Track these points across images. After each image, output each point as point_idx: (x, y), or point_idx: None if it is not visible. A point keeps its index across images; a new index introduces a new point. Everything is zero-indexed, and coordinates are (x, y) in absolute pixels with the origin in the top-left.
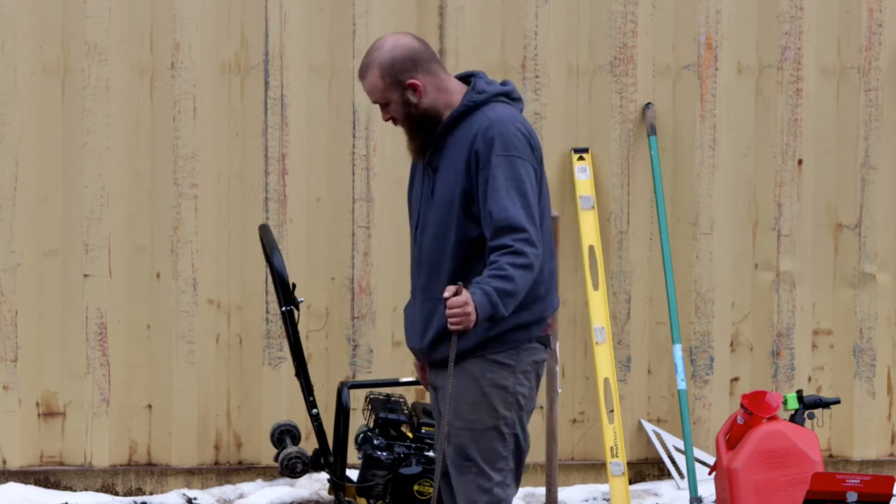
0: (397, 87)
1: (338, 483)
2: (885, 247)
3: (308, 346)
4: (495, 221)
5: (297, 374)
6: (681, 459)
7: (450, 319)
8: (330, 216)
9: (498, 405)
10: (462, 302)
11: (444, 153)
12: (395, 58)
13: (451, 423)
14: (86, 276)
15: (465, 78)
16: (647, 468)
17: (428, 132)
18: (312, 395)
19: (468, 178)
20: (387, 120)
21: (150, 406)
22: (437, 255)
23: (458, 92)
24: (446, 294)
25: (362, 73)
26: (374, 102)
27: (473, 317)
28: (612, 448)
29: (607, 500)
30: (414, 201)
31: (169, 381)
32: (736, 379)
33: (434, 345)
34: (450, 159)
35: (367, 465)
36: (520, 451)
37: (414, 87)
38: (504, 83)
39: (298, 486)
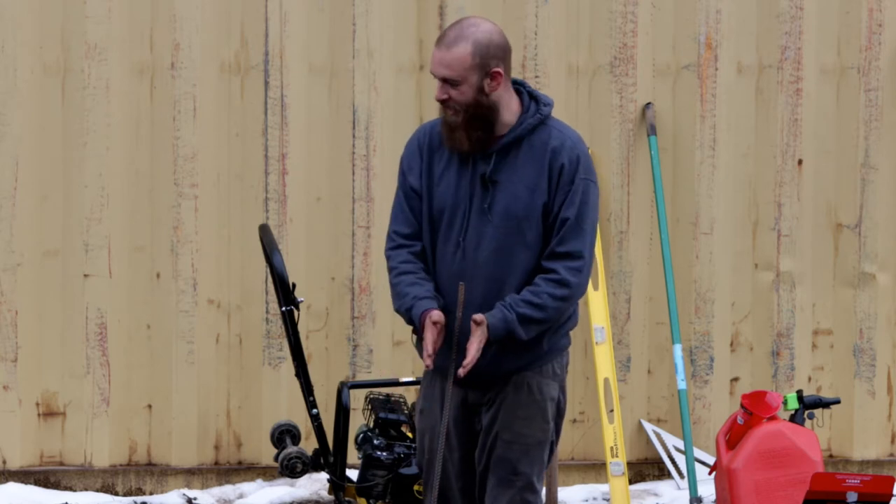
0: (481, 70)
1: (338, 483)
2: (885, 247)
3: (308, 346)
4: (558, 245)
5: (297, 374)
6: (681, 459)
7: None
8: (330, 216)
9: (550, 418)
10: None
11: (509, 166)
12: (492, 41)
13: (497, 434)
14: (86, 276)
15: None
16: (647, 468)
17: (478, 128)
18: (312, 395)
19: (549, 193)
20: (442, 100)
21: (150, 406)
22: (501, 271)
23: (515, 99)
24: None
25: (449, 44)
26: (443, 77)
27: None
28: (612, 448)
29: (607, 500)
30: (451, 208)
31: (169, 381)
32: (736, 379)
33: (496, 359)
34: (520, 174)
35: (367, 465)
36: (550, 458)
37: (494, 77)
38: None
39: (298, 486)
